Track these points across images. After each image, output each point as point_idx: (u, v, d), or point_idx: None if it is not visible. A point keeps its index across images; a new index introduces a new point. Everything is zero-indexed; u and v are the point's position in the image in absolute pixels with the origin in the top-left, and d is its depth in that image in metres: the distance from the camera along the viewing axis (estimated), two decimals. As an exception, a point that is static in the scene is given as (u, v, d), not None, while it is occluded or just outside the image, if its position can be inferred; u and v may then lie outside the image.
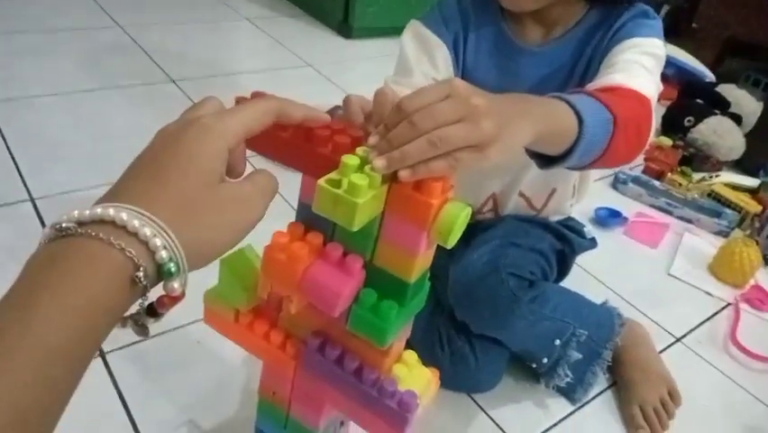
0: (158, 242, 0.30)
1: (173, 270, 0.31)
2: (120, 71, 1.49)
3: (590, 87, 0.61)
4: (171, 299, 0.33)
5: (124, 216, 0.30)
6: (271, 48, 1.81)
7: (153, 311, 0.33)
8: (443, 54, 0.73)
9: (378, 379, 0.49)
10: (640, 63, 0.63)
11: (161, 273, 0.31)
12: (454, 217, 0.41)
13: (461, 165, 0.39)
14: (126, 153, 1.23)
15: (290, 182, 0.50)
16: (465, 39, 0.75)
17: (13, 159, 1.12)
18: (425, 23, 0.75)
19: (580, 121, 0.50)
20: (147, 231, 0.30)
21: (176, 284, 0.31)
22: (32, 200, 1.03)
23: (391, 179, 0.41)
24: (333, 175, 0.39)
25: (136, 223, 0.30)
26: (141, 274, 0.30)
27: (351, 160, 0.39)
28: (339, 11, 1.92)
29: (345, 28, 1.94)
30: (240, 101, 0.46)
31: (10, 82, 1.35)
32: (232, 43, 1.85)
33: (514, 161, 0.79)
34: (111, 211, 0.30)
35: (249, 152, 0.41)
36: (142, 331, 0.34)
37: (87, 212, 0.30)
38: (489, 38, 0.75)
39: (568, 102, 0.50)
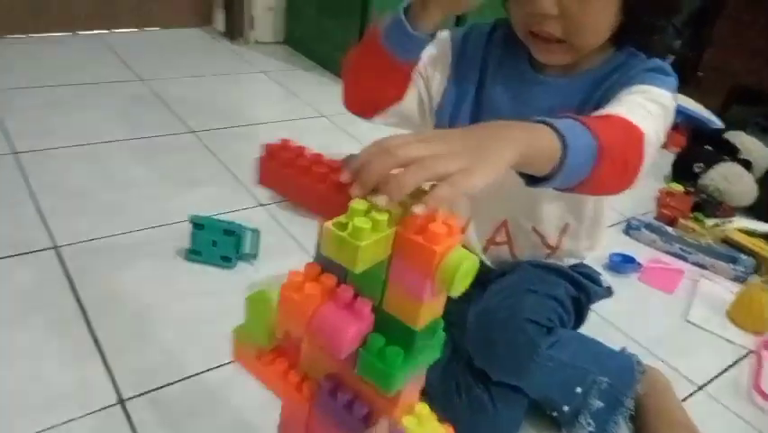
0: None
1: None
2: (142, 123, 1.54)
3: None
4: None
5: None
6: (287, 99, 1.87)
7: None
8: (442, 45, 0.81)
9: None
10: (643, 106, 0.65)
11: None
12: (456, 264, 0.40)
13: (457, 189, 0.42)
14: (147, 201, 1.29)
15: (309, 225, 0.52)
16: (484, 65, 0.80)
17: (37, 207, 1.15)
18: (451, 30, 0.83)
19: (564, 144, 0.51)
20: None
21: None
22: (56, 248, 1.05)
23: (398, 223, 0.42)
24: (341, 218, 0.40)
25: None
26: None
27: (358, 204, 0.40)
28: (352, 64, 1.99)
29: (358, 80, 2.00)
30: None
31: (36, 134, 1.40)
32: (248, 95, 1.91)
33: (516, 188, 0.81)
34: None
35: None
36: None
37: None
38: (509, 65, 0.79)
39: (552, 126, 0.52)
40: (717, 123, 1.98)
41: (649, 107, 0.65)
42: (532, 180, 0.55)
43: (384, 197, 0.41)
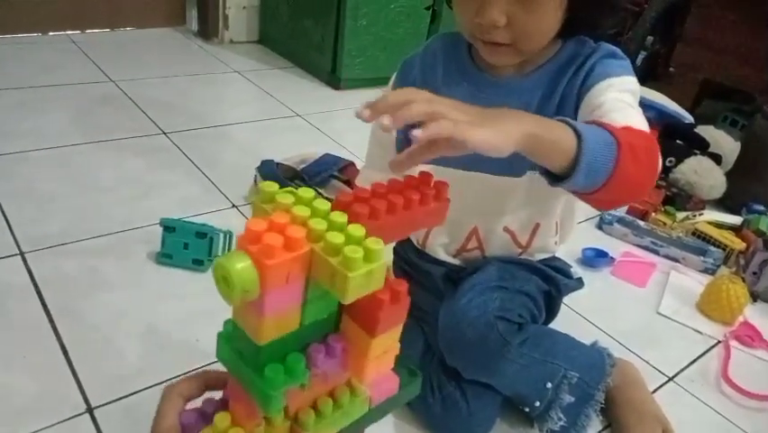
0: None
1: None
2: (112, 124, 1.52)
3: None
4: None
5: None
6: (261, 99, 1.86)
7: None
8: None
9: None
10: (624, 101, 0.67)
11: None
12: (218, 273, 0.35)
13: (458, 130, 0.45)
14: (116, 205, 1.26)
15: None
16: (427, 77, 0.81)
17: (3, 213, 1.12)
18: (390, 88, 0.86)
19: (579, 138, 0.53)
20: None
21: None
22: (22, 254, 1.03)
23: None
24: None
25: None
26: None
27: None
28: (327, 63, 1.98)
29: (334, 79, 2.00)
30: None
31: (2, 137, 1.37)
32: (222, 95, 1.89)
33: (484, 192, 0.82)
34: None
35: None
36: None
37: None
38: (459, 74, 0.80)
39: (564, 121, 0.55)
40: (688, 118, 2.01)
41: (626, 99, 0.67)
42: (556, 179, 0.56)
43: (387, 116, 0.46)
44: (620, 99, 0.67)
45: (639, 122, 0.64)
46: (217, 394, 0.47)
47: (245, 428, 0.42)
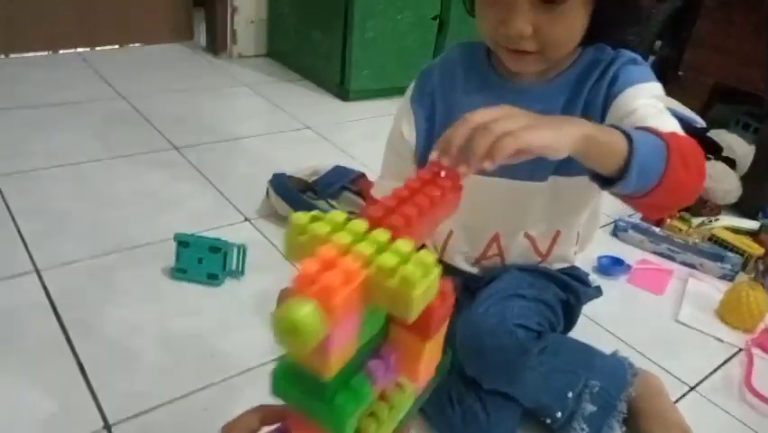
0: None
1: None
2: (123, 140, 1.53)
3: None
4: None
5: None
6: (271, 112, 1.86)
7: None
8: (409, 122, 0.83)
9: None
10: (656, 107, 0.67)
11: None
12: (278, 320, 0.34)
13: (519, 141, 0.48)
14: (130, 221, 1.26)
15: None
16: (449, 97, 0.80)
17: (18, 231, 1.13)
18: (408, 98, 0.85)
19: (630, 139, 0.55)
20: None
21: None
22: (38, 271, 1.03)
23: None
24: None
25: None
26: None
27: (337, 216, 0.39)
28: (336, 75, 1.99)
29: (342, 91, 2.00)
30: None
31: (15, 156, 1.38)
32: (232, 109, 1.90)
33: (506, 198, 0.81)
34: None
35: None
36: None
37: None
38: (480, 83, 0.80)
39: (612, 125, 0.57)
40: (700, 122, 1.99)
41: (657, 105, 0.68)
42: (606, 182, 0.57)
43: (463, 166, 0.47)
44: (652, 105, 0.67)
45: (677, 127, 0.64)
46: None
47: None
